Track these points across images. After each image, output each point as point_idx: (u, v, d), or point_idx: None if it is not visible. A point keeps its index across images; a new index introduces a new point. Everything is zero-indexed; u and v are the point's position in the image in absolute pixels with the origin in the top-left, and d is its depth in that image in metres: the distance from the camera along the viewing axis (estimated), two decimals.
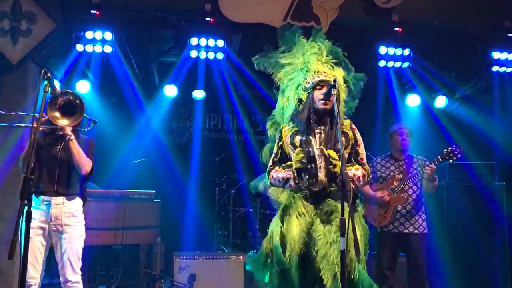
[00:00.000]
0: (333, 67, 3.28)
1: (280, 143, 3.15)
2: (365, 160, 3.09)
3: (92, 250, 5.21)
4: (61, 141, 3.42)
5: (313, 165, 2.68)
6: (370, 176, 3.16)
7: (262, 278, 3.08)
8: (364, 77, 3.50)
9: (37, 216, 3.27)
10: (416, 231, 4.29)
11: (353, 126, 3.14)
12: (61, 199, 3.38)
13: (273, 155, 3.17)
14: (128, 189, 5.28)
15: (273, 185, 3.16)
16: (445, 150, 4.21)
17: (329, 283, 2.69)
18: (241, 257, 5.13)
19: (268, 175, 3.12)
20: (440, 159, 4.21)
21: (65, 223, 3.36)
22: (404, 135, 4.48)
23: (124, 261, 5.33)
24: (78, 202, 3.49)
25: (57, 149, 3.42)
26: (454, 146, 4.18)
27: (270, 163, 3.16)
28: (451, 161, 4.23)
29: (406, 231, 4.29)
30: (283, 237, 2.87)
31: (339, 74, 3.25)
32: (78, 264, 3.38)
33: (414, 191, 4.36)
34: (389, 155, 4.59)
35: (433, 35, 5.34)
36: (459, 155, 4.19)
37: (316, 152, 2.78)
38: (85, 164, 3.40)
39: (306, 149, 2.70)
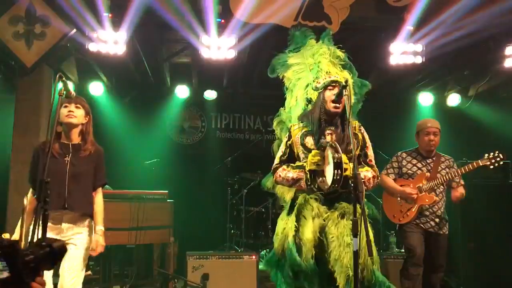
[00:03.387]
0: (341, 69, 3.29)
1: (289, 142, 3.12)
2: (373, 162, 3.09)
3: (106, 250, 5.23)
4: (69, 153, 3.17)
5: (339, 171, 2.68)
6: (379, 178, 3.14)
7: (275, 279, 3.09)
8: (369, 85, 3.50)
9: (49, 230, 2.87)
10: (440, 232, 4.20)
11: (362, 128, 3.13)
12: (73, 213, 3.12)
13: (281, 153, 3.14)
14: (141, 190, 5.33)
15: (279, 183, 3.15)
16: (487, 155, 4.09)
17: (342, 285, 2.70)
18: (253, 257, 5.14)
19: (274, 173, 3.10)
20: (481, 163, 4.09)
21: (75, 232, 3.16)
22: (431, 135, 4.25)
23: (138, 260, 5.38)
24: (89, 217, 3.26)
25: (65, 162, 3.14)
26: (497, 152, 4.06)
27: (277, 161, 3.13)
28: (492, 167, 4.09)
29: (431, 230, 4.19)
30: (298, 240, 2.87)
31: (346, 76, 3.26)
32: (81, 274, 3.12)
33: (441, 191, 4.26)
34: (416, 150, 4.40)
35: (445, 32, 5.30)
36: (501, 162, 4.07)
37: (333, 155, 2.75)
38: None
39: (337, 155, 2.69)
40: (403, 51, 5.33)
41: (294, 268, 2.84)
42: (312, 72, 3.34)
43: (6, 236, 3.23)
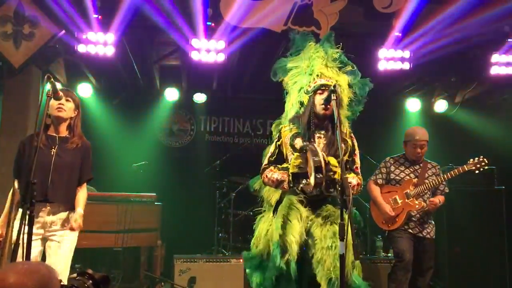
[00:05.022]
0: (338, 72, 3.30)
1: (279, 142, 3.14)
2: (359, 170, 3.12)
3: (93, 252, 5.23)
4: (55, 145, 3.15)
5: (320, 175, 2.69)
6: (362, 187, 3.18)
7: (255, 279, 3.08)
8: (369, 82, 3.52)
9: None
10: (428, 236, 4.27)
11: (352, 135, 3.17)
12: (56, 206, 3.10)
13: (270, 154, 3.16)
14: (129, 192, 5.30)
15: (266, 184, 3.17)
16: (472, 160, 4.21)
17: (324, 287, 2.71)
18: (241, 260, 5.14)
19: (262, 174, 3.12)
20: (466, 168, 4.20)
21: (58, 228, 3.12)
22: (418, 148, 4.33)
23: (125, 263, 5.35)
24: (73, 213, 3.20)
25: (51, 153, 3.11)
26: (482, 156, 4.19)
27: (266, 162, 3.15)
28: (477, 172, 4.22)
29: (420, 234, 4.26)
30: (283, 242, 2.87)
31: (343, 79, 3.27)
32: (65, 274, 3.03)
33: (428, 197, 4.31)
34: (403, 156, 4.46)
35: (432, 39, 5.36)
36: (486, 167, 4.20)
37: (313, 159, 2.77)
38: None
39: (316, 159, 2.70)
40: (391, 57, 5.38)
41: (277, 270, 2.84)
42: (306, 75, 3.36)
43: None
